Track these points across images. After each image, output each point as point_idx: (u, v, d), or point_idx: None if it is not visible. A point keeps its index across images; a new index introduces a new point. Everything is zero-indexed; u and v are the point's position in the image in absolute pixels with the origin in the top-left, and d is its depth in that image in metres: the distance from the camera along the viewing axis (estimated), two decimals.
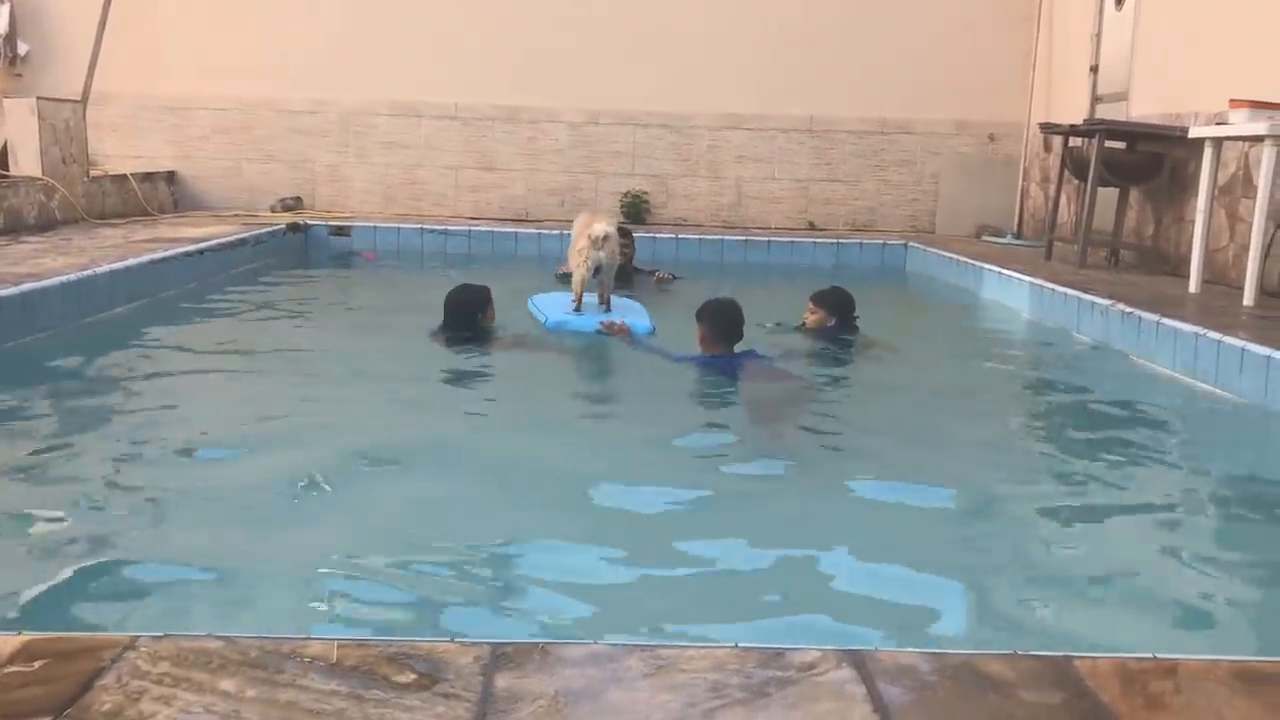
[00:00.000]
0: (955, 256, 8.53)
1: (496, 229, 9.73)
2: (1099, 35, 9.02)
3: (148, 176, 9.87)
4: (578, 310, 5.94)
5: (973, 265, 8.07)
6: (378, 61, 10.44)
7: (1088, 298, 6.11)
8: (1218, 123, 6.44)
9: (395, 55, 10.44)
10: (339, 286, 8.13)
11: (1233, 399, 4.57)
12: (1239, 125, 6.02)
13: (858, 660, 1.82)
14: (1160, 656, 1.89)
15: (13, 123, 8.12)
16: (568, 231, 6.63)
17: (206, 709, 1.64)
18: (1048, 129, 8.83)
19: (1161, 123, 7.68)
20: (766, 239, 9.74)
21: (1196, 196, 6.55)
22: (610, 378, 5.46)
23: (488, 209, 10.71)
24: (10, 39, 10.10)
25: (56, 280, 5.37)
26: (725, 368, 4.90)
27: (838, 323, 5.85)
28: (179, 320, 5.97)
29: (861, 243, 9.80)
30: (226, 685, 1.70)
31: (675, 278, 7.97)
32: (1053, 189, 8.83)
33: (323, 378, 4.90)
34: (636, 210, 10.55)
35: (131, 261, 6.21)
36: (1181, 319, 5.23)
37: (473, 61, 10.45)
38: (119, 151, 10.34)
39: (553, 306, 6.16)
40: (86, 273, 5.67)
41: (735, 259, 9.49)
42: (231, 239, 7.86)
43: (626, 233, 7.90)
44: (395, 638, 1.91)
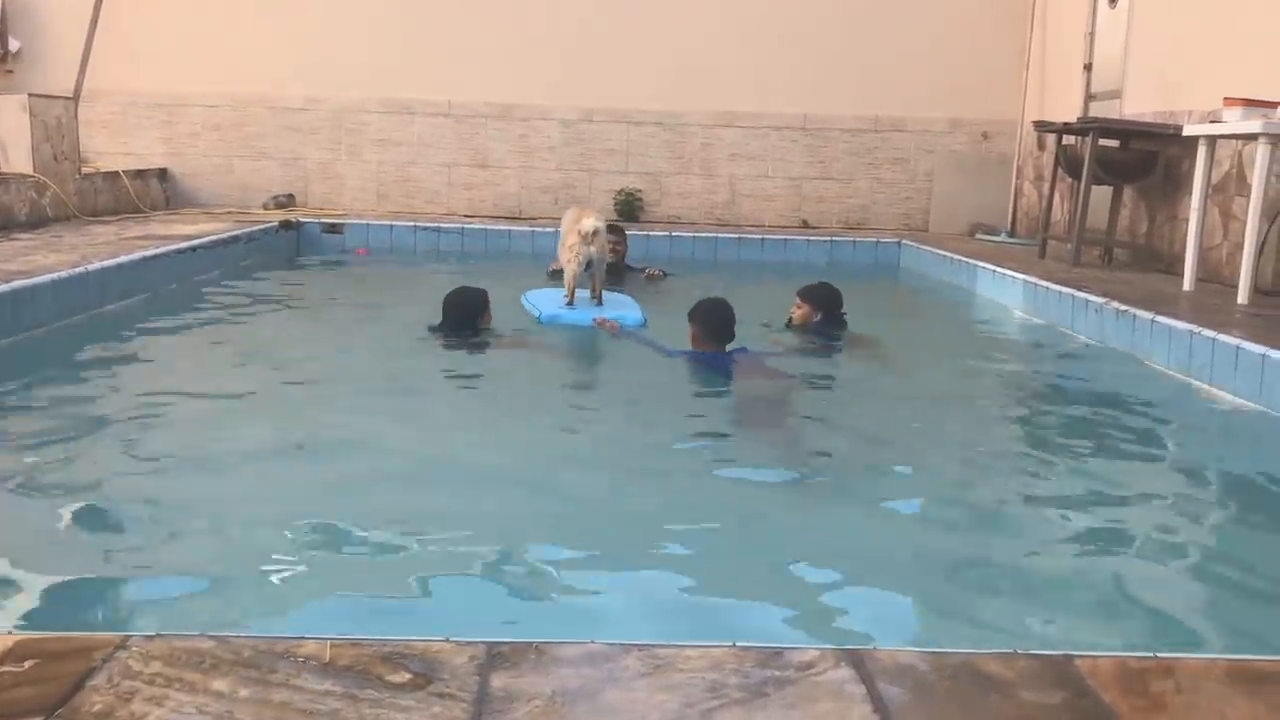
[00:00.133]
0: (949, 255, 8.53)
1: (490, 226, 9.72)
2: (1093, 33, 9.02)
3: (139, 173, 9.83)
4: (570, 304, 6.10)
5: (967, 263, 8.06)
6: (370, 58, 10.41)
7: (1082, 296, 6.11)
8: (1212, 121, 6.44)
9: (388, 52, 10.41)
10: (332, 284, 8.10)
11: (1228, 397, 4.57)
12: (1233, 123, 6.02)
13: (857, 659, 1.81)
14: (1161, 656, 1.89)
15: (4, 120, 8.08)
16: (560, 229, 6.68)
17: (199, 709, 1.62)
18: (1041, 127, 8.83)
19: (1155, 121, 7.69)
20: (760, 237, 9.72)
21: (1190, 194, 6.55)
22: (605, 376, 5.45)
23: (481, 206, 10.69)
24: (1, 35, 10.05)
25: (48, 277, 5.34)
26: (717, 364, 4.96)
27: (824, 318, 5.84)
28: (171, 318, 5.94)
29: (855, 241, 9.79)
30: (219, 685, 1.69)
31: (665, 274, 7.96)
32: (1046, 187, 8.84)
33: (315, 376, 4.88)
34: (630, 208, 10.53)
35: (123, 259, 6.19)
36: (1176, 317, 5.23)
37: (466, 59, 10.42)
38: (110, 148, 10.30)
39: (546, 301, 6.28)
40: (78, 270, 5.65)
41: (729, 257, 9.48)
42: (224, 236, 7.84)
43: (619, 230, 7.92)
44: (390, 637, 1.89)
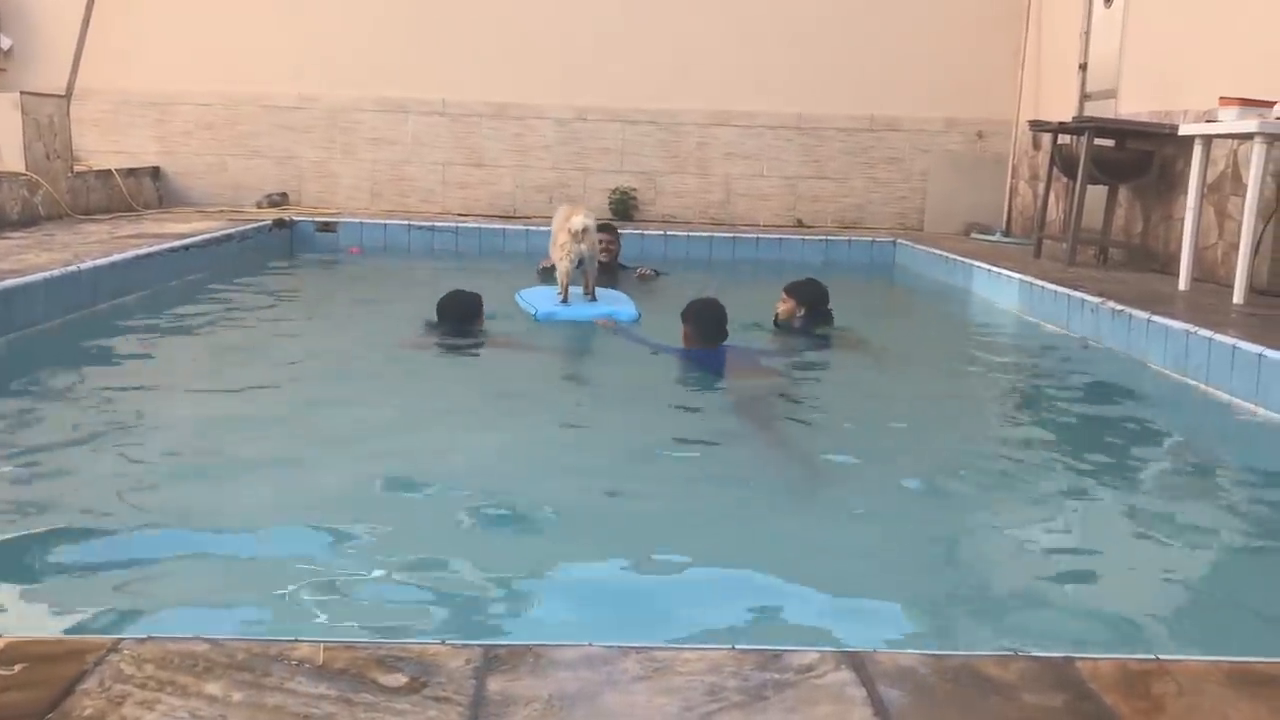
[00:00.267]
0: (944, 254, 8.52)
1: (484, 225, 9.70)
2: (1088, 33, 9.02)
3: (132, 172, 9.79)
4: (564, 302, 6.21)
5: (962, 263, 8.06)
6: (364, 57, 10.38)
7: (1077, 295, 6.10)
8: (1207, 120, 6.44)
9: (382, 51, 10.38)
10: (326, 283, 8.08)
11: (1224, 397, 4.56)
12: (1228, 123, 6.02)
13: (857, 662, 1.79)
14: (1162, 658, 1.87)
15: None
16: (551, 228, 6.72)
17: (192, 713, 1.60)
18: (1037, 126, 8.83)
19: (1151, 120, 7.69)
20: (755, 236, 9.72)
21: (1185, 194, 6.54)
22: (599, 376, 5.43)
23: (476, 205, 10.66)
24: None
25: (40, 276, 5.31)
26: (711, 362, 5.02)
27: (810, 314, 5.81)
28: (164, 317, 5.92)
29: (850, 240, 9.78)
30: (212, 689, 1.67)
31: (658, 274, 7.95)
32: (1041, 186, 8.83)
33: (309, 375, 4.86)
34: (625, 207, 10.51)
35: (116, 257, 6.16)
36: (1172, 317, 5.22)
37: (460, 58, 10.40)
38: (103, 147, 10.26)
39: (541, 299, 6.37)
40: (70, 269, 5.62)
41: (724, 256, 9.47)
42: (217, 235, 7.81)
43: (612, 229, 7.92)
44: (385, 639, 1.88)
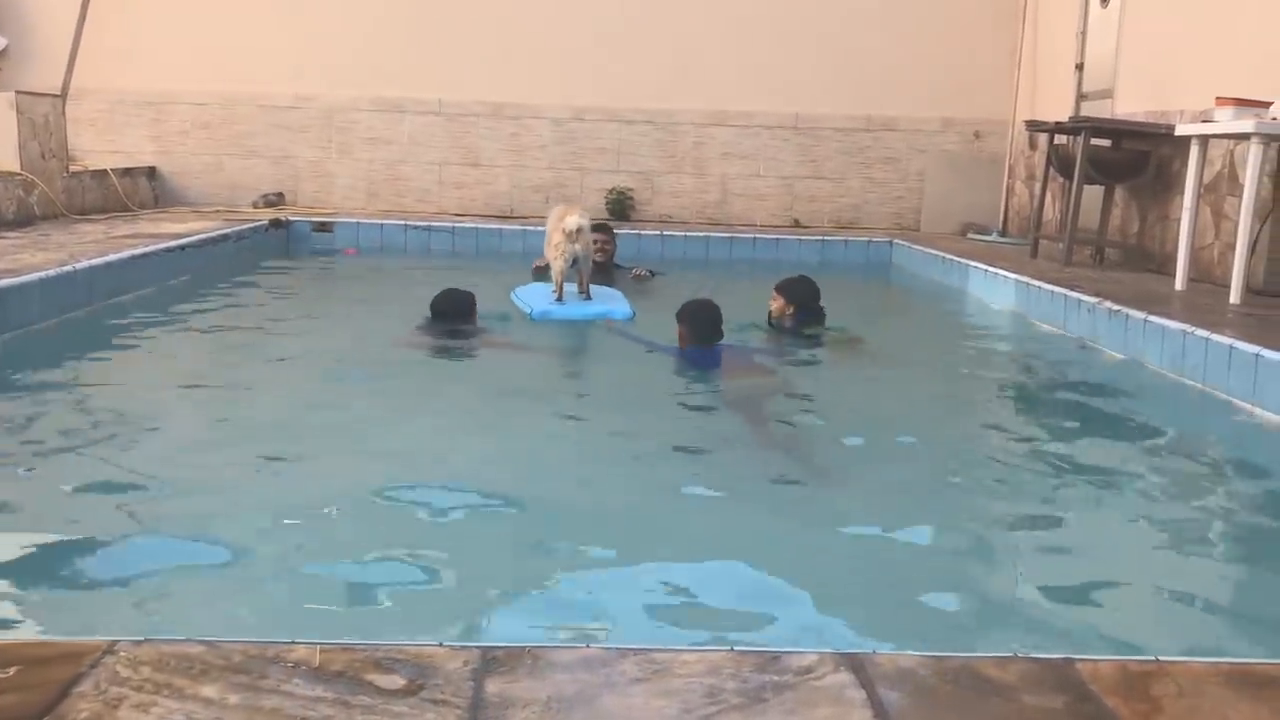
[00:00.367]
0: (941, 254, 8.52)
1: (481, 225, 9.68)
2: (1084, 33, 9.02)
3: (128, 172, 9.77)
4: (559, 300, 6.24)
5: (958, 263, 8.06)
6: (361, 56, 10.37)
7: (1074, 295, 6.09)
8: (1203, 120, 6.44)
9: (378, 50, 10.36)
10: (322, 283, 8.06)
11: (1221, 397, 4.56)
12: (1225, 123, 6.02)
13: (856, 664, 1.79)
14: (1163, 659, 1.87)
15: None
16: (545, 227, 6.73)
17: (188, 716, 1.59)
18: (1033, 126, 8.83)
19: (1147, 120, 7.69)
20: (752, 236, 9.71)
21: (1182, 194, 6.55)
22: (595, 376, 5.43)
23: (472, 205, 10.65)
24: None
25: (35, 276, 5.30)
26: (706, 361, 5.05)
27: (801, 312, 5.81)
28: (159, 317, 5.90)
29: (846, 240, 9.78)
30: (208, 691, 1.66)
31: (654, 274, 7.94)
32: (1038, 187, 8.83)
33: (304, 376, 4.85)
34: (621, 207, 10.50)
35: (112, 257, 6.14)
36: (1168, 317, 5.22)
37: (456, 57, 10.39)
38: (99, 146, 10.24)
39: (536, 297, 6.42)
40: (66, 269, 5.60)
41: (720, 256, 9.47)
42: (213, 235, 7.79)
43: (607, 230, 7.92)
44: (382, 641, 1.87)
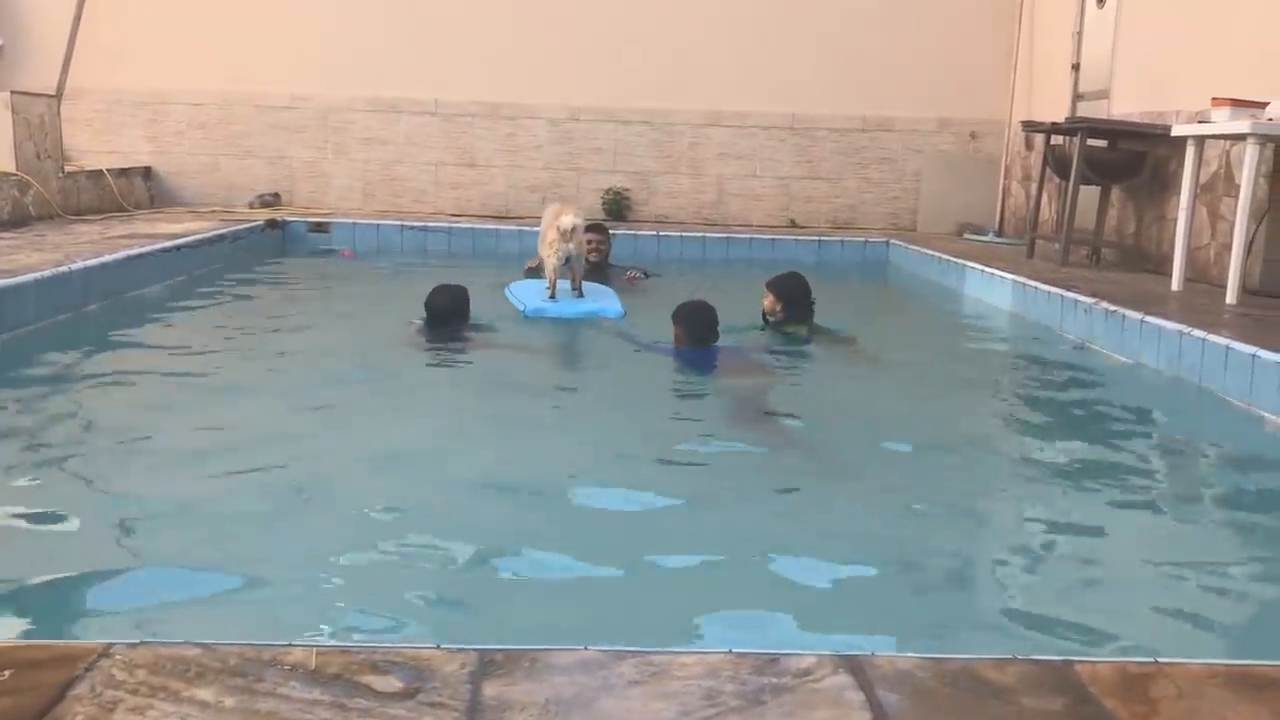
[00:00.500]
0: (937, 254, 8.52)
1: (477, 225, 9.68)
2: (1080, 33, 9.02)
3: (123, 172, 9.75)
4: (552, 297, 6.37)
5: (955, 263, 8.06)
6: (357, 57, 10.35)
7: (1071, 296, 6.10)
8: (1200, 121, 6.44)
9: (374, 50, 10.35)
10: (318, 284, 8.04)
11: (1218, 397, 4.56)
12: (1221, 124, 6.02)
13: (855, 666, 1.78)
14: (1162, 661, 1.86)
15: None
16: (540, 225, 6.80)
17: (184, 719, 1.58)
18: (1029, 127, 8.83)
19: (1143, 121, 7.69)
20: (748, 237, 9.71)
21: (1178, 195, 6.55)
22: (592, 376, 5.42)
23: (468, 205, 10.64)
24: None
25: (31, 277, 5.29)
26: (702, 361, 5.08)
27: (790, 308, 5.81)
28: (155, 318, 5.90)
29: (843, 240, 9.78)
30: (204, 694, 1.65)
31: (648, 276, 7.94)
32: (1034, 187, 8.84)
33: (301, 377, 4.84)
34: (618, 207, 10.49)
35: (107, 258, 6.13)
36: (1165, 317, 5.22)
37: (452, 57, 10.38)
38: (94, 147, 10.22)
39: (530, 294, 6.55)
40: (61, 269, 5.59)
41: (717, 256, 9.46)
42: (209, 235, 7.78)
43: (602, 229, 7.93)
44: (379, 644, 1.86)
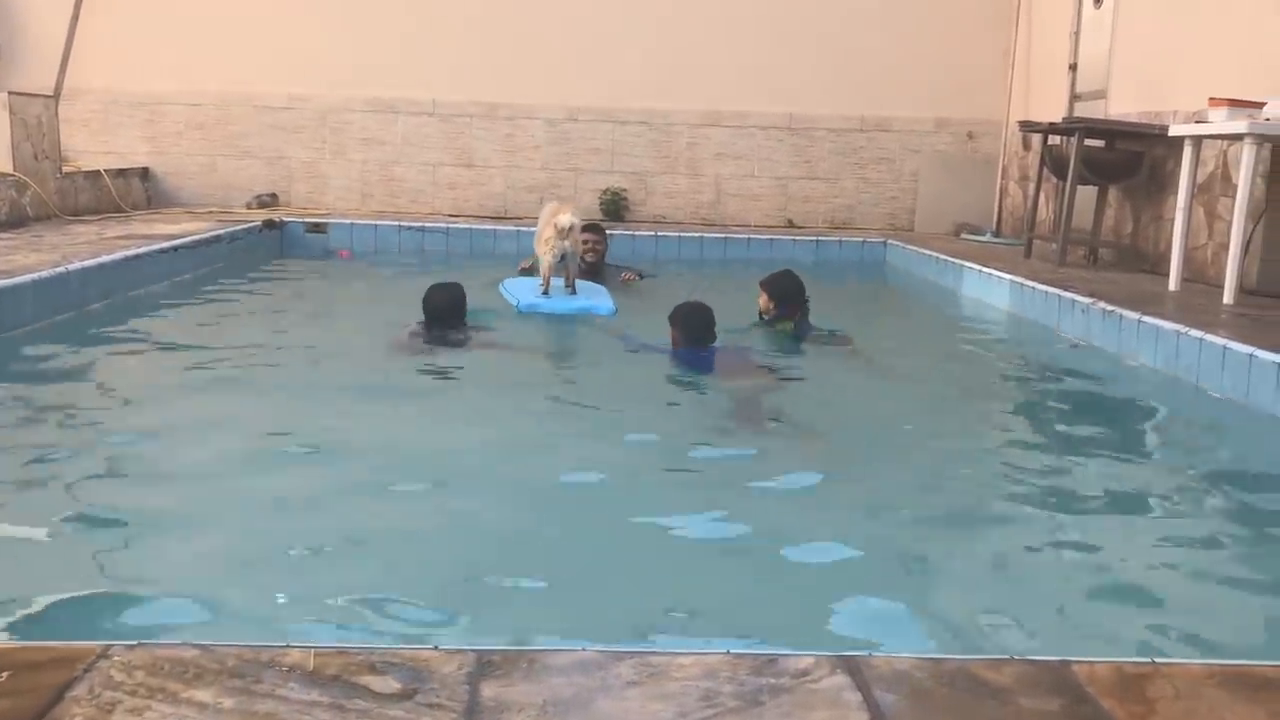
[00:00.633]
0: (935, 254, 8.53)
1: (475, 226, 9.68)
2: (1078, 33, 9.03)
3: (121, 173, 9.74)
4: (546, 294, 6.50)
5: (952, 263, 8.06)
6: (355, 57, 10.35)
7: (1068, 296, 6.10)
8: (1197, 121, 6.45)
9: (372, 51, 10.35)
10: (316, 284, 8.05)
11: (1215, 397, 4.57)
12: (1218, 123, 6.02)
13: (853, 666, 1.78)
14: (1159, 661, 1.87)
15: None
16: (538, 223, 6.87)
17: None
18: (1027, 127, 8.84)
19: (1140, 121, 7.70)
20: (746, 237, 9.71)
21: (1175, 195, 6.56)
22: (590, 377, 5.41)
23: (466, 206, 10.64)
24: None
25: (28, 277, 5.29)
26: (700, 362, 5.08)
27: (782, 305, 5.81)
28: (153, 319, 5.89)
29: (841, 240, 9.79)
30: (203, 695, 1.65)
31: (642, 277, 7.94)
32: (1032, 187, 8.85)
33: (296, 379, 4.83)
34: (615, 208, 10.49)
35: (105, 259, 6.13)
36: (1162, 317, 5.23)
37: (450, 58, 10.38)
38: (92, 147, 10.21)
39: (524, 290, 6.70)
40: (59, 270, 5.59)
41: (715, 257, 9.47)
42: (206, 236, 7.78)
43: (599, 230, 7.94)
44: (377, 645, 1.86)
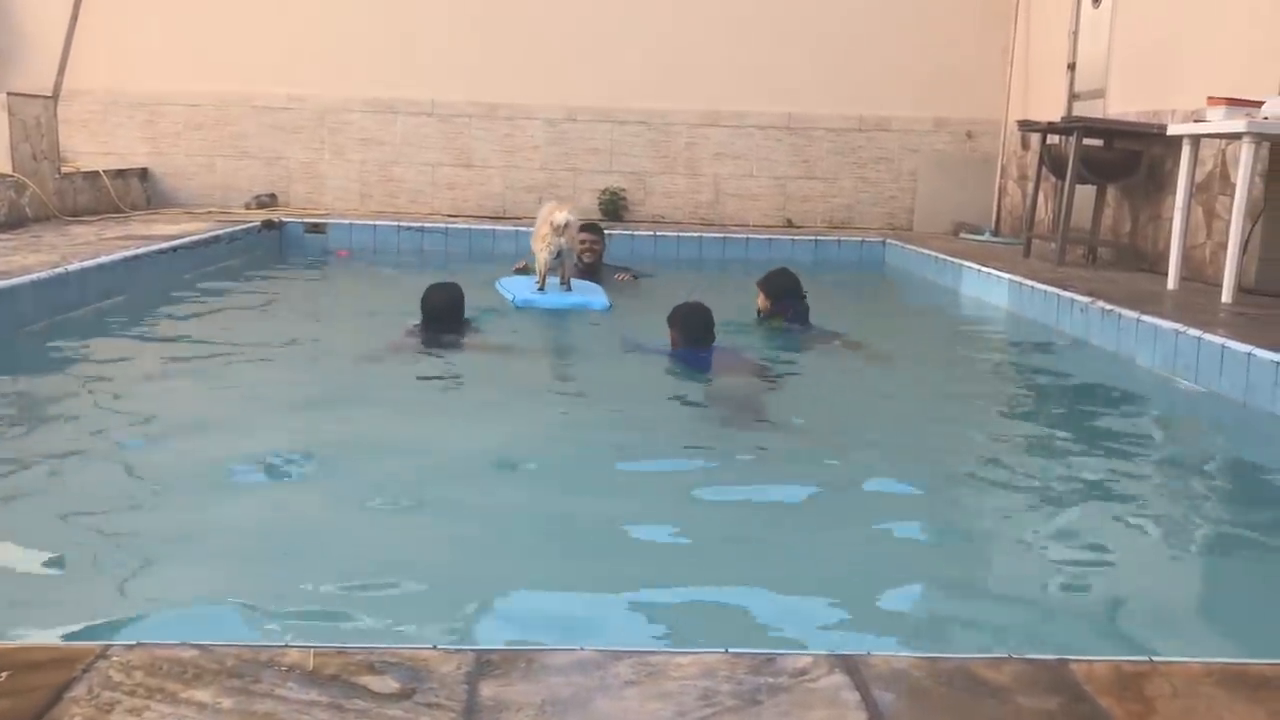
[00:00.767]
0: (933, 254, 8.53)
1: (474, 226, 9.68)
2: (1076, 32, 9.03)
3: (120, 173, 9.74)
4: (541, 290, 6.64)
5: (951, 262, 8.06)
6: (353, 57, 10.35)
7: (1067, 295, 6.11)
8: (1195, 120, 6.45)
9: (371, 51, 10.35)
10: (315, 285, 8.05)
11: (1213, 396, 4.57)
12: (1216, 122, 6.03)
13: (851, 665, 1.78)
14: (1157, 659, 1.87)
15: None
16: (535, 221, 6.95)
17: None
18: (1025, 126, 8.84)
19: (1139, 120, 7.70)
20: (745, 237, 9.71)
21: (1174, 194, 6.56)
22: (587, 378, 5.40)
23: (465, 206, 10.64)
24: None
25: (27, 278, 5.29)
26: (698, 362, 5.07)
27: (777, 303, 5.80)
28: (152, 319, 5.89)
29: (839, 240, 9.79)
30: (201, 695, 1.65)
31: (637, 277, 7.93)
32: (1031, 186, 8.85)
33: (298, 379, 4.84)
34: (614, 208, 10.49)
35: (104, 259, 6.13)
36: (1161, 316, 5.23)
37: (449, 58, 10.38)
38: (91, 148, 10.21)
39: (519, 286, 6.85)
40: (58, 270, 5.59)
41: (713, 257, 9.47)
42: (205, 236, 7.78)
43: (597, 229, 7.95)
44: (375, 644, 1.86)
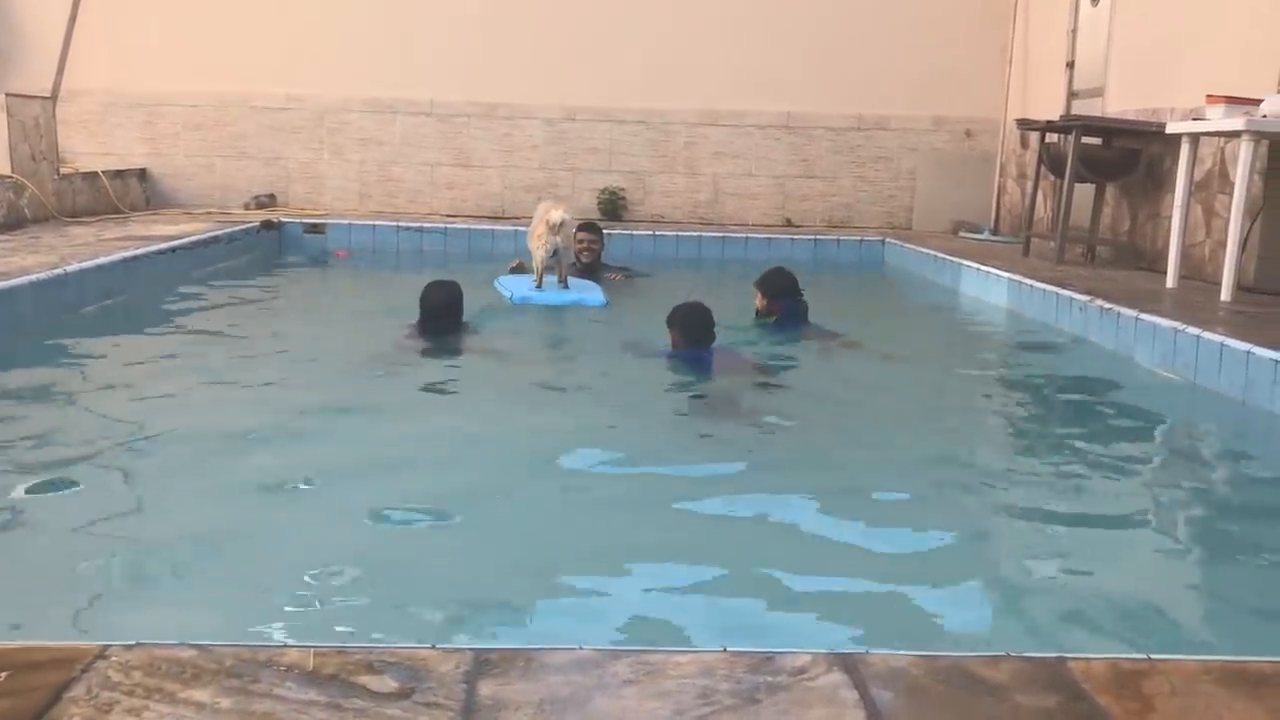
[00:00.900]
0: (933, 253, 8.53)
1: (473, 226, 9.68)
2: (1075, 31, 9.04)
3: (119, 174, 9.74)
4: (539, 288, 6.79)
5: (950, 261, 8.06)
6: (352, 57, 10.35)
7: (1066, 293, 6.11)
8: (1194, 118, 6.46)
9: (370, 51, 10.35)
10: (314, 284, 8.05)
11: (1212, 394, 4.57)
12: (1215, 121, 6.03)
13: (849, 664, 1.79)
14: (1155, 658, 1.87)
15: None
16: (531, 220, 7.06)
17: None
18: (1024, 125, 8.84)
19: (1138, 118, 7.70)
20: (744, 236, 9.71)
21: (1173, 192, 6.57)
22: (586, 378, 5.39)
23: (464, 206, 10.65)
24: None
25: (26, 279, 5.29)
26: (698, 363, 5.08)
27: (778, 303, 5.80)
28: (151, 320, 5.89)
29: (839, 239, 9.79)
30: (200, 695, 1.65)
31: (629, 276, 7.93)
32: (1029, 185, 8.85)
33: (297, 379, 4.83)
34: (613, 207, 10.49)
35: (103, 260, 6.13)
36: (1160, 314, 5.23)
37: (448, 58, 10.38)
38: (89, 148, 10.22)
39: (517, 284, 6.96)
40: (57, 271, 5.59)
41: (712, 256, 9.47)
42: (204, 237, 7.78)
43: (595, 229, 7.96)
44: (374, 644, 1.86)
